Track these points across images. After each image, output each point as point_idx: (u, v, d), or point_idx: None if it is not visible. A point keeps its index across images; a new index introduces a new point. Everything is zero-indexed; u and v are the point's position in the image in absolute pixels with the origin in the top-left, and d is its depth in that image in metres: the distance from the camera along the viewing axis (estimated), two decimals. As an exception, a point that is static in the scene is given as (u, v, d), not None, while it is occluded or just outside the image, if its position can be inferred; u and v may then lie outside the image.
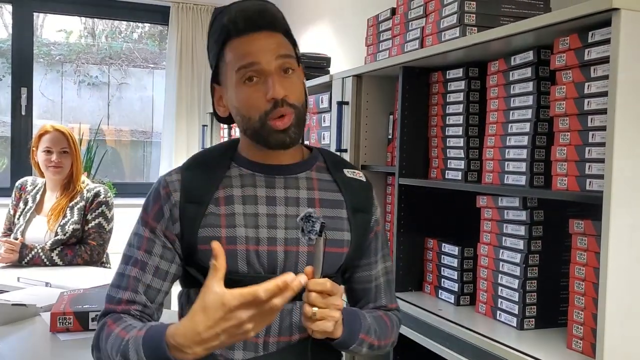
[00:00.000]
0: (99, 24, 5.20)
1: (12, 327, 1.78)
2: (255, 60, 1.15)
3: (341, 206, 1.26)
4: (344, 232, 1.25)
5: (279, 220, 1.20)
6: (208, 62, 1.30)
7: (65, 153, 2.77)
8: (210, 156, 1.29)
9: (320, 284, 1.08)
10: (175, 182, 1.24)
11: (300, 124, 1.20)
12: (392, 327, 1.32)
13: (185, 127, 4.84)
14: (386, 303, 1.35)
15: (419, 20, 2.10)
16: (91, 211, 2.75)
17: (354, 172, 1.32)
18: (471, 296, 1.90)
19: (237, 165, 1.26)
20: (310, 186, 1.25)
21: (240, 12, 1.18)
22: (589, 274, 1.41)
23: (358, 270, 1.32)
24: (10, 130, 4.61)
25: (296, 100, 1.19)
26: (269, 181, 1.23)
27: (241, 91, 1.18)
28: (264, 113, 1.16)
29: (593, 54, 1.38)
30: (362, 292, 1.34)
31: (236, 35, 1.18)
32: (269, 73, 1.16)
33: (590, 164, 1.40)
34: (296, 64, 1.22)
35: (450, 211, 2.10)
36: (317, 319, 1.08)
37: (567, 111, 1.46)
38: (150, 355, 1.04)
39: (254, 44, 1.16)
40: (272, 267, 1.19)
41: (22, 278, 2.31)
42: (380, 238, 1.35)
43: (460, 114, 1.92)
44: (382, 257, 1.35)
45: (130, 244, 1.24)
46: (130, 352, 1.07)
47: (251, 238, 1.19)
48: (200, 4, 4.81)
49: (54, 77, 5.00)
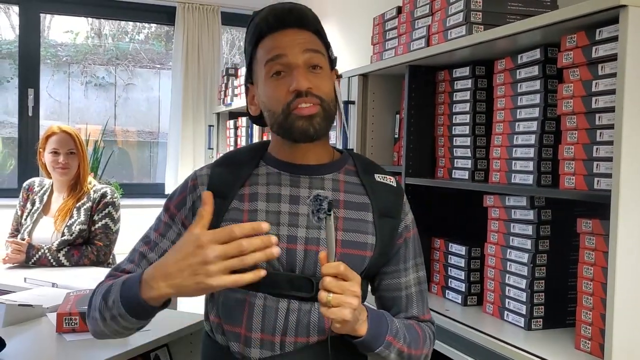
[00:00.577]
0: (105, 25, 5.21)
1: (19, 327, 1.79)
2: (282, 52, 1.18)
3: (367, 209, 1.25)
4: (367, 236, 1.23)
5: (300, 219, 1.21)
6: (214, 62, 1.32)
7: (72, 154, 2.78)
8: (241, 154, 1.33)
9: (334, 267, 1.04)
10: (204, 176, 1.28)
11: (327, 117, 1.20)
12: (425, 338, 1.27)
13: (192, 128, 4.84)
14: (418, 314, 1.30)
15: (425, 18, 2.09)
16: (98, 212, 2.75)
17: (385, 177, 1.31)
18: (478, 296, 1.89)
19: (265, 164, 1.28)
20: (336, 187, 1.25)
21: (270, 11, 1.22)
22: (597, 274, 1.39)
23: (386, 278, 1.29)
24: (17, 131, 4.62)
25: (323, 94, 1.19)
26: (294, 180, 1.24)
27: (268, 85, 1.21)
28: (287, 104, 1.18)
29: (600, 51, 1.37)
30: (391, 301, 1.30)
31: (267, 32, 1.21)
32: (295, 66, 1.18)
33: (598, 162, 1.38)
34: (326, 61, 1.23)
35: (457, 211, 2.09)
36: (333, 305, 1.03)
37: (575, 109, 1.44)
38: (124, 293, 1.09)
39: (281, 39, 1.19)
40: (291, 265, 1.19)
41: (28, 278, 2.32)
42: (412, 246, 1.31)
43: (467, 112, 1.91)
44: (415, 266, 1.31)
45: (151, 227, 1.30)
46: (110, 294, 1.12)
47: (272, 235, 1.18)
48: (206, 4, 4.81)
49: (61, 78, 5.02)
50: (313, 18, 1.24)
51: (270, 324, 1.18)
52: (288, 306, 1.18)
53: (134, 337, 1.72)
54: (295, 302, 1.18)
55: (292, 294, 1.18)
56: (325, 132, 1.22)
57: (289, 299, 1.18)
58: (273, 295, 1.18)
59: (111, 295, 1.12)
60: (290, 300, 1.18)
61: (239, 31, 5.51)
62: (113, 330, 1.16)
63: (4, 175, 4.85)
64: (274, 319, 1.18)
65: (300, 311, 1.18)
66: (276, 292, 1.19)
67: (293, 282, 1.19)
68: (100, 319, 1.15)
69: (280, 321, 1.18)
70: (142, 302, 1.06)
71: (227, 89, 4.39)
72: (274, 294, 1.19)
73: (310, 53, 1.19)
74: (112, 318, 1.12)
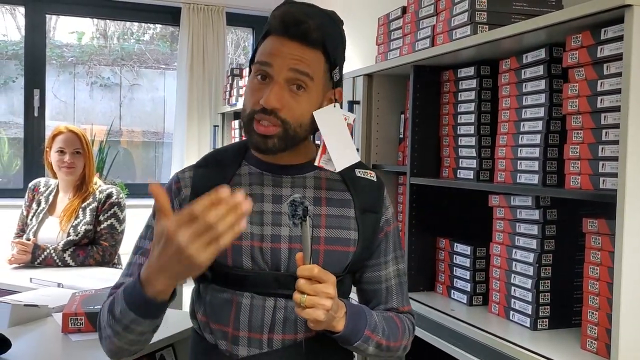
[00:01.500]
0: (110, 26, 5.23)
1: (25, 327, 1.79)
2: (269, 61, 1.17)
3: (349, 205, 1.26)
4: (350, 231, 1.25)
5: (284, 218, 1.22)
6: (218, 63, 1.31)
7: (78, 154, 2.79)
8: (224, 155, 1.33)
9: (307, 269, 1.07)
10: (187, 178, 1.28)
11: (287, 139, 1.18)
12: (404, 329, 1.30)
13: (197, 128, 4.85)
14: (397, 305, 1.33)
15: (429, 18, 2.09)
16: (103, 212, 2.76)
17: (366, 171, 1.32)
18: (484, 296, 1.89)
19: (247, 164, 1.28)
20: (317, 185, 1.26)
21: (284, 14, 1.18)
22: (603, 274, 1.39)
23: (367, 271, 1.31)
24: (23, 131, 4.64)
25: (290, 116, 1.17)
26: (276, 180, 1.25)
27: (250, 84, 1.21)
28: (252, 111, 1.18)
29: (606, 51, 1.36)
30: (372, 293, 1.33)
31: (273, 32, 1.19)
32: (275, 80, 1.16)
33: (604, 162, 1.38)
34: (315, 84, 1.19)
35: (463, 210, 2.09)
36: (306, 306, 1.07)
37: (580, 109, 1.44)
38: (129, 299, 1.08)
39: (277, 48, 1.17)
40: (276, 263, 1.20)
41: (34, 279, 2.32)
42: (392, 239, 1.33)
43: (472, 112, 1.91)
44: (394, 259, 1.34)
45: (141, 236, 1.29)
46: (115, 306, 1.12)
47: (256, 235, 1.20)
48: (211, 4, 4.82)
49: (67, 79, 5.04)
50: (323, 35, 1.18)
51: (258, 322, 1.19)
52: (275, 304, 1.20)
53: (140, 337, 1.73)
54: (281, 300, 1.20)
55: (279, 292, 1.20)
56: (285, 149, 1.20)
57: (275, 297, 1.20)
58: (260, 294, 1.20)
59: (117, 307, 1.11)
60: (277, 299, 1.20)
61: (243, 32, 5.52)
62: (129, 341, 1.14)
63: (10, 176, 4.87)
64: (261, 317, 1.19)
65: (286, 309, 1.20)
66: (262, 290, 1.20)
67: (279, 280, 1.20)
68: (114, 334, 1.14)
69: (268, 319, 1.20)
70: (149, 300, 1.06)
71: (232, 89, 4.40)
72: (260, 292, 1.20)
73: (295, 73, 1.16)
74: (125, 328, 1.11)
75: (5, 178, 4.87)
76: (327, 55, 1.20)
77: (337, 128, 1.24)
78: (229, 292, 1.22)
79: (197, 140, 4.85)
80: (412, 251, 2.06)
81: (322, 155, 1.23)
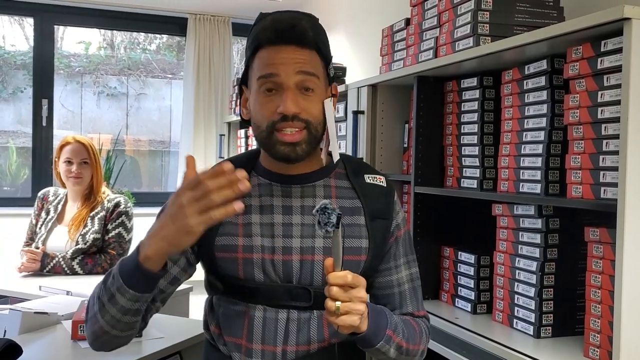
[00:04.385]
0: (117, 36, 5.28)
1: (35, 334, 1.82)
2: (274, 72, 1.16)
3: (359, 213, 1.25)
4: (361, 240, 1.24)
5: (294, 229, 1.22)
6: (224, 73, 1.32)
7: (86, 164, 2.82)
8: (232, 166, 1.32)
9: (341, 277, 1.04)
10: None
11: (312, 141, 1.19)
12: (421, 333, 1.27)
13: (203, 137, 4.89)
14: (412, 310, 1.30)
15: (433, 30, 2.11)
16: (111, 221, 2.79)
17: (375, 177, 1.31)
18: (488, 304, 1.90)
19: (256, 174, 1.28)
20: (327, 194, 1.26)
21: (273, 23, 1.19)
22: (605, 282, 1.41)
23: (379, 276, 1.29)
24: (31, 141, 4.68)
25: (311, 117, 1.18)
26: (286, 190, 1.25)
27: (258, 100, 1.19)
28: (271, 123, 1.17)
29: (606, 62, 1.39)
30: (384, 299, 1.30)
31: (265, 44, 1.19)
32: (286, 87, 1.16)
33: (605, 172, 1.40)
34: (320, 83, 1.20)
35: (466, 219, 2.10)
36: (341, 314, 1.04)
37: (581, 119, 1.46)
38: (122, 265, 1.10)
39: (277, 56, 1.17)
40: (288, 275, 1.20)
41: (43, 287, 2.35)
42: (403, 243, 1.31)
43: (475, 122, 1.93)
44: (407, 263, 1.32)
45: None
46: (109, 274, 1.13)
47: (267, 247, 1.20)
48: (217, 15, 4.87)
49: (74, 88, 5.08)
50: (315, 34, 1.20)
51: (271, 335, 1.19)
52: (287, 316, 1.20)
53: (147, 344, 1.76)
54: (294, 312, 1.20)
55: (291, 304, 1.20)
56: (309, 155, 1.21)
57: (288, 309, 1.20)
58: (272, 306, 1.20)
59: (110, 275, 1.13)
60: (290, 311, 1.20)
61: (249, 41, 5.56)
62: (111, 319, 1.12)
63: (18, 185, 4.91)
64: (274, 330, 1.19)
65: (299, 320, 1.20)
66: (275, 303, 1.20)
67: (291, 292, 1.20)
68: (99, 309, 1.13)
69: (281, 331, 1.19)
70: (138, 264, 1.07)
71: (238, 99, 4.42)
72: (272, 305, 1.20)
73: (303, 75, 1.16)
74: (110, 298, 1.10)
75: (13, 187, 4.91)
76: (321, 53, 1.22)
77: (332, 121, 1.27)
78: (241, 305, 1.22)
79: (203, 149, 4.89)
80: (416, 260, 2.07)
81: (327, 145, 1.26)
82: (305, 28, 1.18)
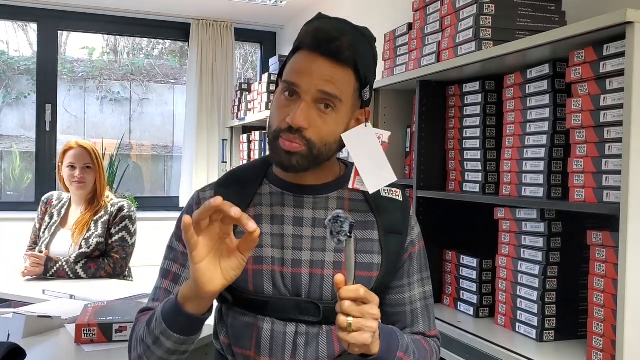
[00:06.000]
0: (121, 41, 5.30)
1: (38, 338, 1.82)
2: (297, 82, 1.13)
3: (372, 227, 1.22)
4: (374, 255, 1.21)
5: (304, 241, 1.19)
6: (227, 78, 1.30)
7: (89, 169, 2.83)
8: (245, 173, 1.30)
9: (354, 291, 1.00)
10: (208, 197, 1.25)
11: (311, 159, 1.15)
12: (432, 353, 1.25)
13: (206, 142, 4.89)
14: (424, 330, 1.28)
15: (435, 34, 2.12)
16: (115, 225, 2.80)
17: (391, 190, 1.27)
18: (490, 308, 1.91)
19: (268, 182, 1.26)
20: (340, 206, 1.22)
21: (316, 30, 1.15)
22: (608, 286, 1.41)
23: (391, 293, 1.26)
24: (34, 145, 4.70)
25: (316, 136, 1.14)
26: (298, 201, 1.22)
27: (278, 101, 1.18)
28: (278, 129, 1.15)
29: (608, 66, 1.39)
30: (396, 316, 1.27)
31: (304, 48, 1.16)
32: (302, 99, 1.13)
33: (607, 175, 1.40)
34: (344, 105, 1.16)
35: (469, 223, 2.11)
36: (353, 330, 0.99)
37: (584, 123, 1.47)
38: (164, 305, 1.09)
39: (307, 65, 1.13)
40: (297, 289, 1.18)
41: (47, 290, 2.35)
42: (417, 260, 1.28)
43: (477, 126, 1.93)
44: (420, 281, 1.29)
45: (167, 257, 1.26)
46: (153, 317, 1.11)
47: (277, 259, 1.19)
48: (220, 20, 4.88)
49: (77, 94, 5.10)
50: (356, 52, 1.14)
51: (279, 348, 1.17)
52: (296, 330, 1.18)
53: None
54: (302, 326, 1.18)
55: (300, 319, 1.18)
56: (309, 168, 1.17)
57: (296, 323, 1.18)
58: (280, 319, 1.18)
59: (154, 317, 1.10)
60: (298, 324, 1.18)
61: (252, 47, 5.58)
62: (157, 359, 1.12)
63: (22, 189, 4.92)
64: (282, 343, 1.18)
65: (308, 335, 1.18)
66: (283, 316, 1.18)
67: (300, 306, 1.18)
68: (143, 350, 1.12)
69: (289, 345, 1.18)
70: (178, 306, 1.05)
71: (241, 104, 4.44)
72: (281, 318, 1.19)
73: (324, 94, 1.13)
74: (155, 341, 1.09)
75: (17, 192, 4.92)
76: (358, 74, 1.16)
77: (369, 148, 1.20)
78: (250, 316, 1.20)
79: (206, 154, 4.90)
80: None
81: (356, 177, 1.18)
82: (343, 45, 1.12)
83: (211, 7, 4.62)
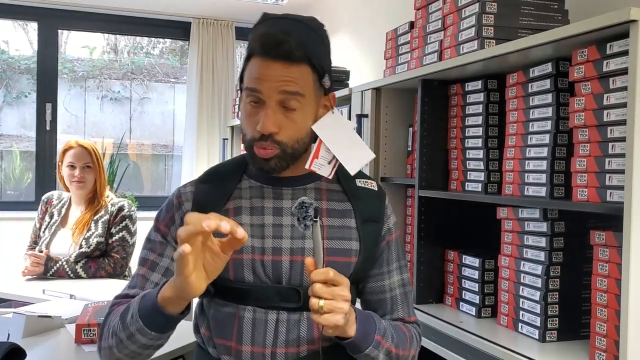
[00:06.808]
0: (121, 40, 5.29)
1: (38, 338, 1.82)
2: (258, 87, 1.17)
3: (350, 215, 1.27)
4: (351, 242, 1.25)
5: (284, 230, 1.23)
6: (228, 77, 1.32)
7: (89, 168, 2.83)
8: (224, 169, 1.34)
9: (323, 273, 1.05)
10: (188, 193, 1.30)
11: (287, 158, 1.20)
12: (412, 338, 1.29)
13: (206, 141, 4.89)
14: (403, 315, 1.33)
15: (437, 33, 2.11)
16: (115, 225, 2.79)
17: (366, 181, 1.33)
18: (492, 308, 1.90)
19: (247, 177, 1.30)
20: (318, 196, 1.27)
21: (263, 37, 1.17)
22: (611, 286, 1.40)
23: (371, 280, 1.31)
24: (35, 145, 4.69)
25: (287, 137, 1.18)
26: (277, 193, 1.27)
27: (245, 109, 1.22)
28: (252, 138, 1.20)
29: (612, 65, 1.38)
30: (376, 304, 1.32)
31: (255, 54, 1.19)
32: (267, 105, 1.17)
33: (611, 175, 1.39)
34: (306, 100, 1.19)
35: (471, 223, 2.10)
36: (325, 312, 1.04)
37: (587, 122, 1.46)
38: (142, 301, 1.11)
39: (263, 71, 1.16)
40: (277, 276, 1.21)
41: (47, 290, 2.35)
42: (395, 248, 1.33)
43: (479, 125, 1.93)
44: (399, 269, 1.34)
45: (145, 247, 1.31)
46: (128, 312, 1.13)
47: (257, 248, 1.21)
48: (220, 19, 4.88)
49: (78, 93, 5.09)
50: (306, 47, 1.17)
51: (260, 337, 1.20)
52: (277, 317, 1.21)
53: (151, 348, 1.75)
54: (284, 313, 1.21)
55: (281, 305, 1.21)
56: (288, 166, 1.22)
57: (277, 311, 1.21)
58: (262, 307, 1.21)
59: (129, 313, 1.13)
60: (279, 312, 1.21)
61: (252, 45, 5.57)
62: (130, 352, 1.15)
63: (22, 189, 4.92)
64: (264, 332, 1.20)
65: (289, 322, 1.20)
66: (265, 304, 1.21)
67: (281, 293, 1.21)
68: (116, 343, 1.14)
69: (270, 333, 1.20)
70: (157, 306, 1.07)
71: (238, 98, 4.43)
72: (263, 306, 1.21)
73: (285, 95, 1.16)
74: (130, 337, 1.12)
75: (17, 191, 4.92)
76: (314, 66, 1.20)
77: (342, 132, 1.24)
78: (231, 306, 1.23)
79: (206, 153, 4.89)
80: (420, 263, 2.07)
81: (314, 160, 1.23)
82: (292, 46, 1.15)
83: (212, 5, 4.61)
